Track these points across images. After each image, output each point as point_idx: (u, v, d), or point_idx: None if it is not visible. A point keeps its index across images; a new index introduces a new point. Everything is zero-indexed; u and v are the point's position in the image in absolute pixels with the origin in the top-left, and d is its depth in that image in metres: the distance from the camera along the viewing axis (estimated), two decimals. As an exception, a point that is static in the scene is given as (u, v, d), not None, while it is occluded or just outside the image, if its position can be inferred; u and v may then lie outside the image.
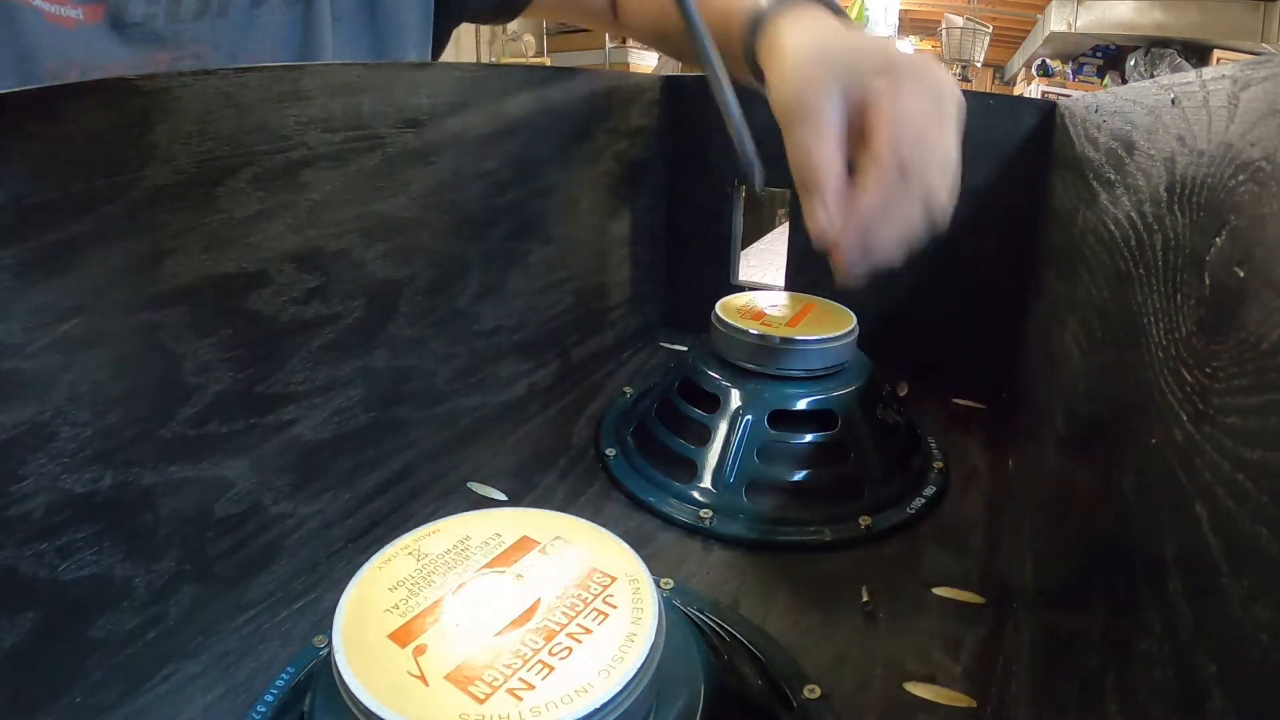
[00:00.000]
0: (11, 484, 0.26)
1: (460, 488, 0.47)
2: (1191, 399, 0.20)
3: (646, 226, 0.69)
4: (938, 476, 0.49)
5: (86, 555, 0.28)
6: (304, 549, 0.38)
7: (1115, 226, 0.33)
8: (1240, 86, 0.22)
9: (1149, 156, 0.30)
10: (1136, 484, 0.24)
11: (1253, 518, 0.15)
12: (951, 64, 4.71)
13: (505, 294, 0.52)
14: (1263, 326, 0.17)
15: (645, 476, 0.48)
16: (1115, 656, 0.22)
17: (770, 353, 0.47)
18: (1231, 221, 0.20)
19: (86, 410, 0.28)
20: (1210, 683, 0.16)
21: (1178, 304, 0.23)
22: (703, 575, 0.41)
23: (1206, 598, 0.17)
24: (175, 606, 0.32)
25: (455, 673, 0.21)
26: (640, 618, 0.23)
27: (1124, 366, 0.28)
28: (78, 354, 0.27)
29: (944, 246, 0.65)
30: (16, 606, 0.27)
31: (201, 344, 0.32)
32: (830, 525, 0.44)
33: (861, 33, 0.39)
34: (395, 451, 0.44)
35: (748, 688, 0.31)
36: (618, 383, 0.63)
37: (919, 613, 0.39)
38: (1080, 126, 0.47)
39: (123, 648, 0.30)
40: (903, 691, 0.34)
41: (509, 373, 0.54)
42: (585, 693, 0.20)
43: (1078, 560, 0.30)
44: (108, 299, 0.28)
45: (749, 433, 0.45)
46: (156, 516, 0.31)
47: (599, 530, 0.27)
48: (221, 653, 0.33)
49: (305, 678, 0.31)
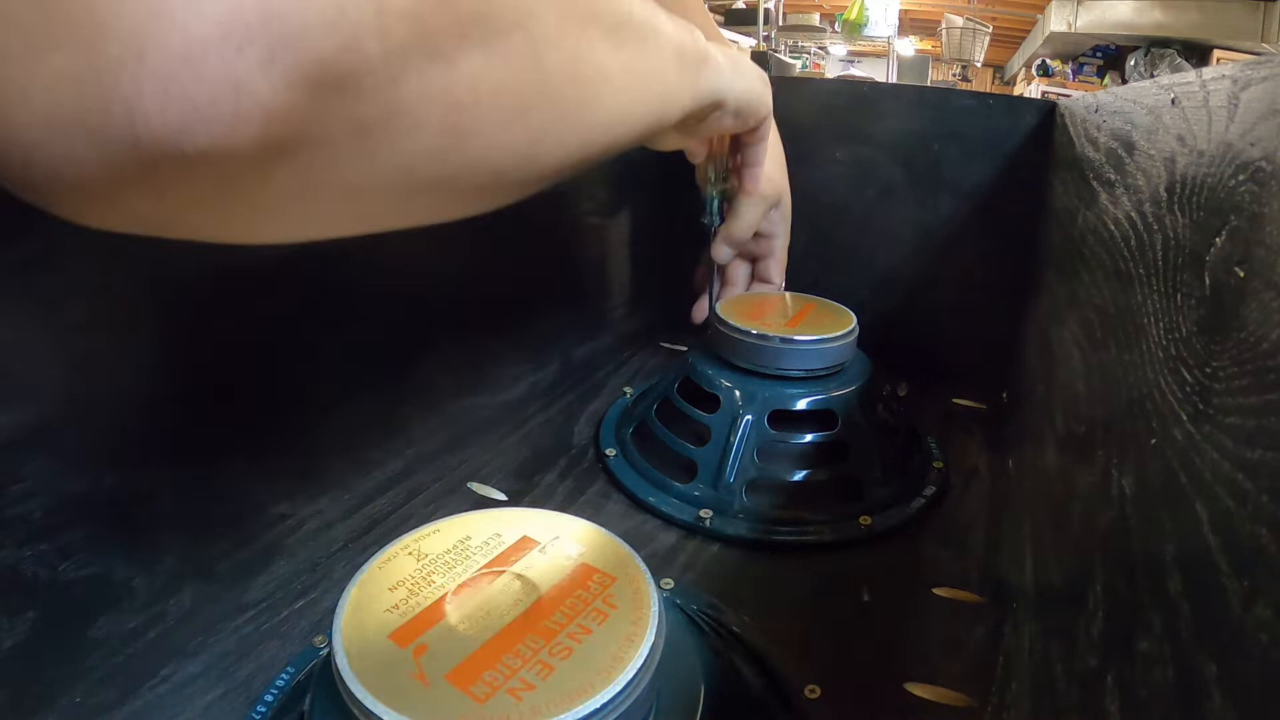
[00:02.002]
0: (11, 484, 0.26)
1: (460, 488, 0.47)
2: (1191, 399, 0.20)
3: (646, 227, 0.69)
4: (938, 476, 0.49)
5: (86, 555, 0.28)
6: (304, 549, 0.38)
7: (1115, 226, 0.33)
8: (1240, 86, 0.22)
9: (1149, 156, 0.30)
10: (1136, 484, 0.24)
11: (1253, 518, 0.15)
12: (951, 64, 4.72)
13: (505, 294, 0.52)
14: (1263, 326, 0.17)
15: (645, 476, 0.48)
16: (1115, 656, 0.22)
17: (770, 353, 0.47)
18: (1231, 221, 0.20)
19: (86, 410, 0.28)
20: (1210, 683, 0.16)
21: (1178, 304, 0.23)
22: (703, 575, 0.41)
23: (1206, 598, 0.17)
24: (175, 606, 0.32)
25: (455, 673, 0.21)
26: (640, 618, 0.23)
27: (1124, 366, 0.28)
28: (77, 354, 0.27)
29: (944, 246, 0.65)
30: (16, 606, 0.27)
31: (202, 343, 0.32)
32: (830, 525, 0.44)
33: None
34: (395, 451, 0.44)
35: (748, 688, 0.31)
36: (618, 383, 0.63)
37: (919, 613, 0.39)
38: (1080, 126, 0.47)
39: (123, 648, 0.30)
40: (903, 691, 0.34)
41: (509, 373, 0.54)
42: (585, 693, 0.20)
43: (1078, 560, 0.30)
44: (108, 297, 0.28)
45: (749, 433, 0.45)
46: (156, 516, 0.31)
47: (599, 530, 0.27)
48: (221, 653, 0.33)
49: (305, 678, 0.31)
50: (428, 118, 0.19)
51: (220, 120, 0.14)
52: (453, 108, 0.19)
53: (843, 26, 4.23)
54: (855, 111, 0.64)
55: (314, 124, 0.16)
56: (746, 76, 0.38)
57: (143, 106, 0.14)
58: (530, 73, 0.21)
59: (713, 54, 0.35)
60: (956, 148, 0.61)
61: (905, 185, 0.64)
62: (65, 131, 0.14)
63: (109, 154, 0.14)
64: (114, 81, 0.14)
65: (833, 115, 0.64)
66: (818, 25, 4.64)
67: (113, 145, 0.14)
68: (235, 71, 0.14)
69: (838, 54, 6.00)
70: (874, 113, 0.63)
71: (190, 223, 0.17)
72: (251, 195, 0.17)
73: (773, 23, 4.06)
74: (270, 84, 0.15)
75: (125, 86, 0.14)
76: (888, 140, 0.63)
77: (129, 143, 0.14)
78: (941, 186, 0.62)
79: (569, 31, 0.22)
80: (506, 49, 0.20)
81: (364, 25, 0.16)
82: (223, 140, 0.15)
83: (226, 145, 0.15)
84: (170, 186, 0.16)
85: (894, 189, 0.64)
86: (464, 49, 0.19)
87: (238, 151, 0.15)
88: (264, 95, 0.15)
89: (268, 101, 0.15)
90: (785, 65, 3.64)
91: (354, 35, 0.16)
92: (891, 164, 0.63)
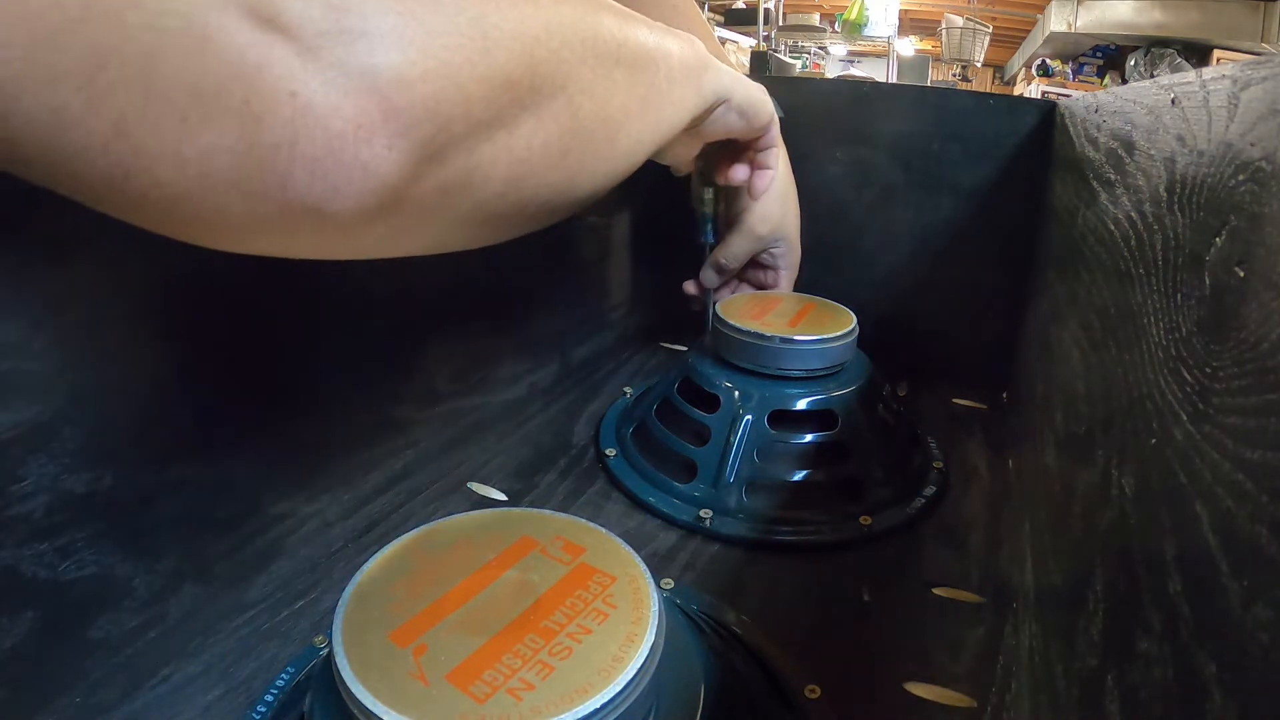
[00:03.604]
0: (11, 484, 0.26)
1: (460, 488, 0.47)
2: (1191, 399, 0.20)
3: (646, 227, 0.69)
4: (938, 476, 0.49)
5: (86, 555, 0.28)
6: (304, 549, 0.38)
7: (1115, 226, 0.33)
8: (1240, 86, 0.22)
9: (1149, 156, 0.30)
10: (1136, 484, 0.24)
11: (1253, 518, 0.15)
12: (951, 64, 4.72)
13: (505, 294, 0.52)
14: (1263, 326, 0.17)
15: (645, 476, 0.48)
16: (1115, 656, 0.22)
17: (770, 353, 0.47)
18: (1231, 221, 0.20)
19: (86, 410, 0.28)
20: (1210, 683, 0.16)
21: (1178, 304, 0.23)
22: (703, 575, 0.41)
23: (1206, 598, 0.17)
24: (175, 606, 0.32)
25: (455, 673, 0.21)
26: (640, 618, 0.23)
27: (1124, 366, 0.28)
28: (78, 354, 0.27)
29: (944, 247, 0.65)
30: (16, 606, 0.27)
31: (203, 343, 0.32)
32: (830, 525, 0.44)
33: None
34: (395, 451, 0.44)
35: (748, 688, 0.31)
36: (618, 383, 0.63)
37: (919, 613, 0.39)
38: (1080, 126, 0.47)
39: (123, 648, 0.30)
40: (903, 691, 0.34)
41: (509, 373, 0.54)
42: (585, 693, 0.20)
43: (1078, 560, 0.30)
44: (109, 297, 0.28)
45: (749, 433, 0.45)
46: (156, 516, 0.31)
47: (599, 530, 0.27)
48: (221, 653, 0.33)
49: (305, 678, 0.31)
50: (494, 173, 0.23)
51: (352, 193, 0.19)
52: (514, 162, 0.24)
53: (843, 26, 4.23)
54: (855, 111, 0.64)
55: (414, 188, 0.21)
56: (745, 82, 0.41)
57: (294, 181, 0.18)
58: (569, 123, 0.25)
59: (714, 61, 0.37)
60: (956, 148, 0.61)
61: (905, 185, 0.64)
62: (218, 190, 0.18)
63: (257, 209, 0.18)
64: (272, 159, 0.18)
65: (833, 115, 0.64)
66: (818, 25, 4.64)
67: (263, 203, 0.18)
68: (364, 157, 0.19)
69: (838, 54, 6.00)
70: (874, 113, 0.63)
71: (300, 251, 0.21)
72: (359, 237, 0.21)
73: (773, 23, 4.06)
74: (389, 165, 0.19)
75: (281, 165, 0.18)
76: (888, 140, 0.63)
77: (278, 203, 0.18)
78: (941, 186, 0.62)
79: (599, 81, 0.26)
80: (554, 109, 0.24)
81: (454, 113, 0.20)
82: (353, 205, 0.19)
83: (355, 208, 0.19)
84: (301, 232, 0.20)
85: (894, 189, 0.64)
86: (522, 116, 0.23)
87: (362, 213, 0.20)
88: (385, 173, 0.19)
89: (387, 177, 0.19)
90: (785, 65, 3.64)
91: (447, 120, 0.20)
92: (891, 164, 0.63)
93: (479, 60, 0.20)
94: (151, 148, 0.16)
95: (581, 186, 0.28)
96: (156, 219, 0.19)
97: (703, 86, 0.36)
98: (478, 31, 0.20)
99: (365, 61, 0.18)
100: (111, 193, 0.17)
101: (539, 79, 0.23)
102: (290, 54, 0.17)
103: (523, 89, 0.22)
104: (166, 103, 0.16)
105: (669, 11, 0.51)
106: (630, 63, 0.28)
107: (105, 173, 0.17)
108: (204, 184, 0.17)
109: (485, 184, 0.23)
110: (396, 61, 0.18)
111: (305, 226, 0.19)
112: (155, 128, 0.16)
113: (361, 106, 0.18)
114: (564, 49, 0.24)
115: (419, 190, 0.21)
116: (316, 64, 0.17)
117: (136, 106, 0.16)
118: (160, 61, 0.16)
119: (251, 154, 0.17)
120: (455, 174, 0.22)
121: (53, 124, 0.16)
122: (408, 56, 0.19)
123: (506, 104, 0.22)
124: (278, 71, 0.17)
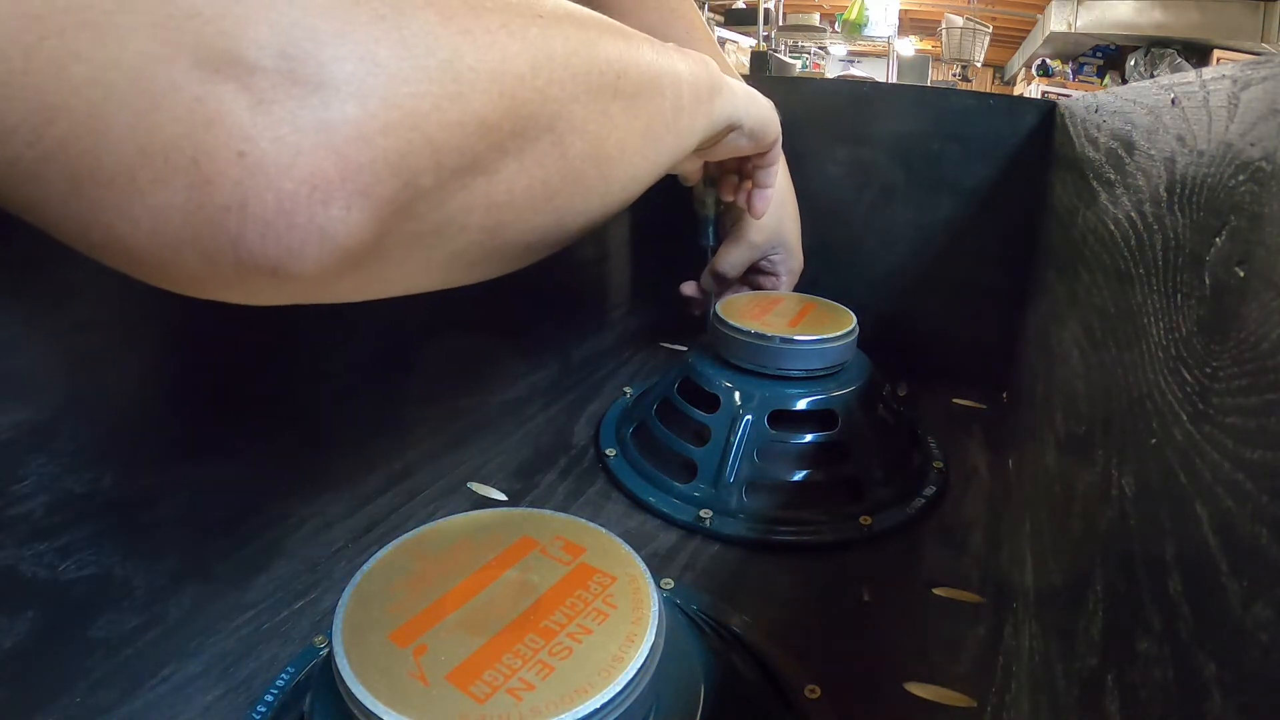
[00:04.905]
0: (11, 484, 0.26)
1: (460, 488, 0.47)
2: (1191, 399, 0.20)
3: (646, 227, 0.69)
4: (938, 476, 0.49)
5: (86, 555, 0.28)
6: (304, 549, 0.38)
7: (1115, 226, 0.33)
8: (1240, 86, 0.22)
9: (1149, 156, 0.30)
10: (1136, 484, 0.24)
11: (1253, 518, 0.15)
12: (951, 64, 4.72)
13: (505, 294, 0.52)
14: (1263, 326, 0.17)
15: (645, 476, 0.48)
16: (1115, 656, 0.22)
17: (770, 353, 0.47)
18: (1231, 221, 0.20)
19: (86, 410, 0.28)
20: (1210, 683, 0.16)
21: (1178, 304, 0.23)
22: (703, 575, 0.41)
23: (1206, 598, 0.17)
24: (175, 606, 0.32)
25: (455, 673, 0.21)
26: (640, 618, 0.23)
27: (1124, 366, 0.28)
28: (78, 354, 0.27)
29: (944, 246, 0.65)
30: (16, 606, 0.27)
31: (203, 343, 0.32)
32: (830, 525, 0.44)
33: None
34: (395, 451, 0.44)
35: (748, 688, 0.31)
36: (618, 383, 0.63)
37: (919, 613, 0.39)
38: (1080, 126, 0.47)
39: (123, 648, 0.30)
40: (903, 691, 0.34)
41: (509, 373, 0.54)
42: (585, 693, 0.20)
43: (1078, 560, 0.30)
44: (108, 297, 0.28)
45: (749, 433, 0.45)
46: (156, 516, 0.31)
47: (599, 530, 0.27)
48: (221, 653, 0.33)
49: (305, 678, 0.31)
50: (469, 221, 0.22)
51: (310, 255, 0.18)
52: (491, 209, 0.22)
53: (843, 26, 4.23)
54: (855, 111, 0.64)
55: (378, 244, 0.19)
56: (758, 103, 0.40)
57: (245, 242, 0.17)
58: (557, 164, 0.23)
59: (727, 82, 0.35)
60: (957, 148, 0.61)
61: (905, 185, 0.64)
62: (174, 248, 0.17)
63: (212, 265, 0.17)
64: (221, 220, 0.16)
65: (833, 115, 0.64)
66: (818, 25, 4.64)
67: (216, 260, 0.17)
68: (319, 220, 0.17)
69: (838, 54, 6.00)
70: (874, 113, 0.63)
71: (273, 301, 0.20)
72: (328, 288, 0.20)
73: (773, 23, 4.06)
74: (349, 227, 0.18)
75: (231, 226, 0.17)
76: (888, 140, 0.63)
77: (231, 261, 0.17)
78: (941, 186, 0.62)
79: (593, 117, 0.24)
80: (538, 151, 0.22)
81: (422, 166, 0.19)
82: (311, 266, 0.18)
83: (315, 269, 0.18)
84: (265, 289, 0.19)
85: (894, 189, 0.64)
86: (503, 161, 0.21)
87: (323, 272, 0.18)
88: (343, 235, 0.18)
89: (346, 240, 0.18)
90: (785, 65, 3.64)
91: (414, 174, 0.19)
92: (891, 164, 0.63)
93: (450, 106, 0.19)
94: (108, 204, 0.16)
95: (571, 226, 0.26)
96: (127, 268, 0.18)
97: (713, 113, 0.34)
98: (449, 76, 0.19)
99: (319, 116, 0.16)
100: (79, 243, 0.17)
101: (521, 121, 0.21)
102: (241, 108, 0.16)
103: (503, 133, 0.21)
104: (117, 161, 0.15)
105: (667, 14, 0.51)
106: (631, 94, 0.26)
107: (67, 225, 0.16)
108: (158, 242, 0.17)
109: (460, 233, 0.22)
110: (354, 115, 0.17)
111: (266, 285, 0.18)
112: (110, 186, 0.16)
113: (316, 166, 0.17)
114: (551, 86, 0.22)
115: (386, 244, 0.19)
116: (268, 119, 0.16)
117: (88, 164, 0.15)
118: (108, 117, 0.15)
119: (201, 214, 0.16)
120: (426, 226, 0.20)
121: (10, 176, 0.15)
122: (367, 109, 0.17)
123: (483, 150, 0.20)
124: (227, 128, 0.16)
